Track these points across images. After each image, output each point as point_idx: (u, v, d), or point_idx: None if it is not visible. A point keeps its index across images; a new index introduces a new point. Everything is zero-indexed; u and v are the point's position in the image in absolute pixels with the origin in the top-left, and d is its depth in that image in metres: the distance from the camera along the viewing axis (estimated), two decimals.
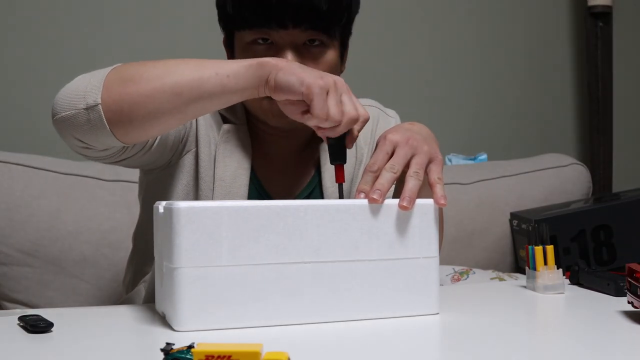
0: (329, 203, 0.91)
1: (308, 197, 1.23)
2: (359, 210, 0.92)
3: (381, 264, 0.93)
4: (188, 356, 0.66)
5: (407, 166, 0.96)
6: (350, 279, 0.91)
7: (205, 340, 0.79)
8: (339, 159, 1.01)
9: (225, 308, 0.87)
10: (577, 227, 1.86)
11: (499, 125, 2.45)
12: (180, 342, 0.79)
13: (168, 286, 0.88)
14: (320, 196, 1.23)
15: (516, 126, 2.47)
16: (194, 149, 1.19)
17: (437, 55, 2.37)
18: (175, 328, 0.87)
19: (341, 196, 1.02)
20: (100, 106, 0.97)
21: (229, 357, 0.61)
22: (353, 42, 1.25)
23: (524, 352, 0.80)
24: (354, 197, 0.94)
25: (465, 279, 1.80)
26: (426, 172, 0.97)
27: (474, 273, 1.83)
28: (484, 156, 2.31)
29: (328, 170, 1.22)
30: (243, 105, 1.23)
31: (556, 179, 2.13)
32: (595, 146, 2.44)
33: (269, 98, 1.01)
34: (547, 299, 1.11)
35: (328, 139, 1.00)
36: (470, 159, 2.31)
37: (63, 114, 1.00)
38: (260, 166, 1.23)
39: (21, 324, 0.89)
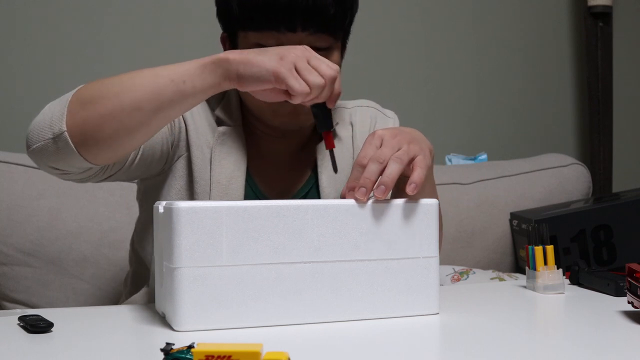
0: (329, 203, 0.91)
1: (304, 197, 1.23)
2: (359, 210, 0.92)
3: (381, 264, 0.93)
4: (188, 356, 0.66)
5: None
6: (350, 279, 0.91)
7: (205, 340, 0.79)
8: (325, 126, 1.03)
9: (225, 308, 0.87)
10: (577, 227, 1.85)
11: (499, 125, 2.45)
12: (180, 342, 0.79)
13: (168, 286, 0.88)
14: (317, 197, 1.23)
15: (516, 126, 2.47)
16: (185, 154, 1.19)
17: (436, 55, 2.37)
18: (175, 328, 0.87)
19: (334, 163, 1.03)
20: (65, 133, 0.98)
21: (229, 357, 0.61)
22: (351, 42, 1.24)
23: (524, 352, 0.80)
24: (346, 196, 0.95)
25: (465, 279, 1.80)
26: (411, 167, 0.96)
27: (474, 273, 1.82)
28: (484, 156, 2.31)
29: (325, 172, 1.22)
30: (239, 106, 1.23)
31: (556, 179, 2.12)
32: (595, 146, 2.44)
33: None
34: (547, 299, 1.11)
35: (312, 108, 1.02)
36: (470, 159, 2.31)
37: (34, 146, 1.01)
38: (256, 167, 1.23)
39: (21, 324, 0.89)
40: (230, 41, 1.20)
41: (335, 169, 1.05)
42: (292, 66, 0.95)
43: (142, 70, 1.00)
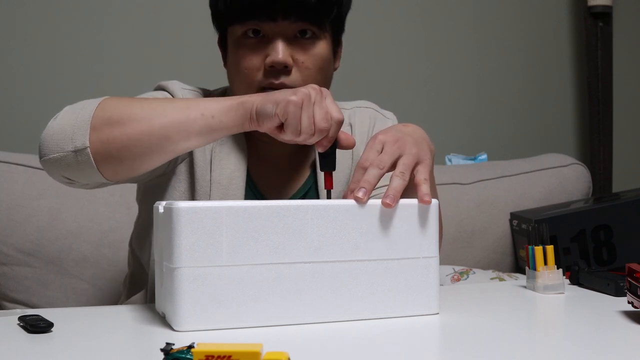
0: (329, 203, 0.91)
1: (303, 198, 1.23)
2: (359, 210, 0.92)
3: (381, 264, 0.93)
4: (188, 356, 0.66)
5: (394, 166, 0.97)
6: (350, 279, 0.91)
7: (205, 340, 0.79)
8: (328, 167, 1.02)
9: (225, 308, 0.87)
10: (577, 227, 1.85)
11: (499, 125, 2.45)
12: (180, 342, 0.79)
13: (168, 286, 0.88)
14: (316, 197, 1.23)
15: (516, 126, 2.47)
16: (187, 157, 1.19)
17: (436, 55, 2.37)
18: (175, 328, 0.87)
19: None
20: (88, 149, 0.99)
21: (229, 357, 0.61)
22: (351, 42, 1.25)
23: (524, 352, 0.80)
24: (346, 197, 0.95)
25: (465, 279, 1.80)
26: (413, 174, 0.97)
27: (474, 273, 1.82)
28: (484, 156, 2.31)
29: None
30: None
31: (556, 179, 2.12)
32: (595, 146, 2.44)
33: None
34: (547, 299, 1.11)
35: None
36: (470, 159, 2.31)
37: (51, 155, 1.01)
38: (255, 168, 1.23)
39: (21, 324, 0.89)
40: (223, 43, 1.22)
41: None
42: (299, 105, 0.96)
43: (173, 99, 1.04)
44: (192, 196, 1.19)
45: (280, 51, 1.12)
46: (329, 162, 1.02)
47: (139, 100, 1.03)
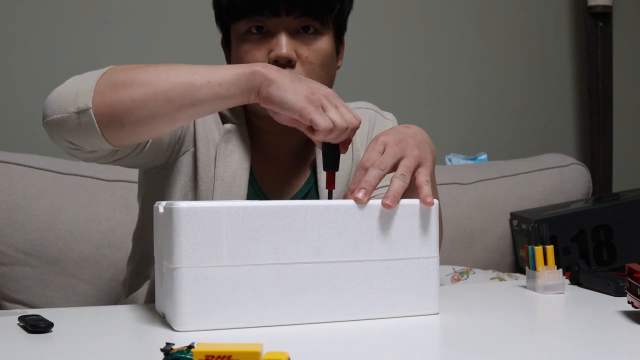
0: (329, 203, 0.91)
1: (304, 197, 1.24)
2: (359, 210, 0.92)
3: (381, 264, 0.93)
4: (188, 356, 0.66)
5: (395, 168, 0.97)
6: (350, 279, 0.91)
7: (205, 340, 0.79)
8: (331, 167, 1.03)
9: (225, 308, 0.87)
10: (577, 227, 1.85)
11: (499, 125, 2.45)
12: (180, 342, 0.79)
13: (168, 286, 0.88)
14: (316, 197, 1.23)
15: (516, 126, 2.47)
16: (192, 149, 1.19)
17: (437, 55, 2.37)
18: (175, 328, 0.87)
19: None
20: (91, 110, 0.98)
21: (229, 357, 0.61)
22: (352, 42, 1.25)
23: (524, 352, 0.80)
24: (347, 198, 0.95)
25: (465, 279, 1.80)
26: (414, 176, 0.97)
27: (474, 273, 1.83)
28: (484, 156, 2.31)
29: (324, 172, 1.23)
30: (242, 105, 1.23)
31: (556, 179, 2.13)
32: (595, 146, 2.45)
33: None
34: (547, 299, 1.11)
35: (323, 145, 1.02)
36: (470, 159, 2.31)
37: (54, 116, 1.00)
38: (258, 166, 1.23)
39: (21, 324, 0.89)
40: (225, 41, 1.23)
41: None
42: (320, 104, 0.98)
43: (179, 64, 1.02)
44: (194, 190, 1.18)
45: (284, 45, 1.13)
46: (333, 162, 1.02)
47: (146, 65, 1.02)
